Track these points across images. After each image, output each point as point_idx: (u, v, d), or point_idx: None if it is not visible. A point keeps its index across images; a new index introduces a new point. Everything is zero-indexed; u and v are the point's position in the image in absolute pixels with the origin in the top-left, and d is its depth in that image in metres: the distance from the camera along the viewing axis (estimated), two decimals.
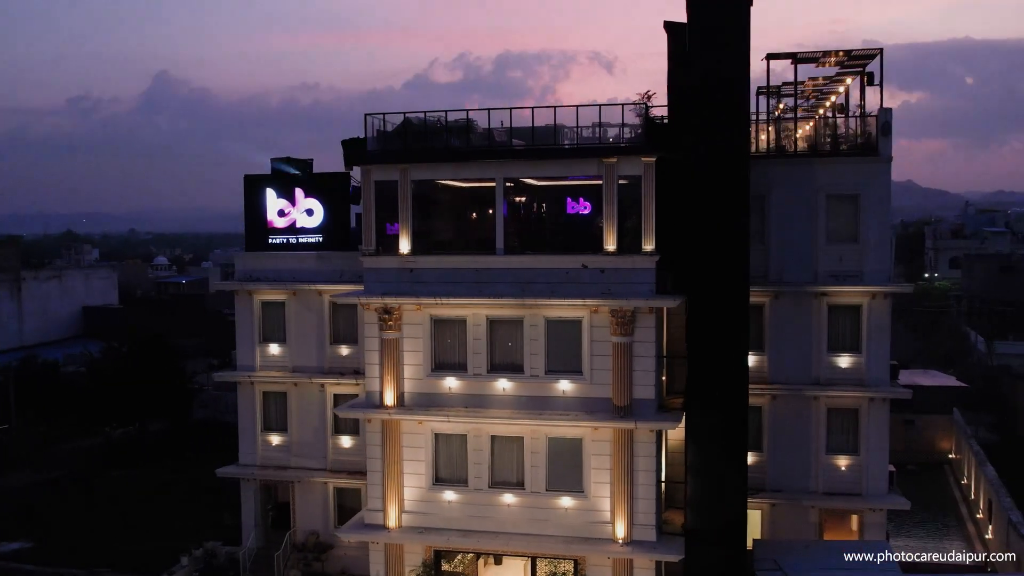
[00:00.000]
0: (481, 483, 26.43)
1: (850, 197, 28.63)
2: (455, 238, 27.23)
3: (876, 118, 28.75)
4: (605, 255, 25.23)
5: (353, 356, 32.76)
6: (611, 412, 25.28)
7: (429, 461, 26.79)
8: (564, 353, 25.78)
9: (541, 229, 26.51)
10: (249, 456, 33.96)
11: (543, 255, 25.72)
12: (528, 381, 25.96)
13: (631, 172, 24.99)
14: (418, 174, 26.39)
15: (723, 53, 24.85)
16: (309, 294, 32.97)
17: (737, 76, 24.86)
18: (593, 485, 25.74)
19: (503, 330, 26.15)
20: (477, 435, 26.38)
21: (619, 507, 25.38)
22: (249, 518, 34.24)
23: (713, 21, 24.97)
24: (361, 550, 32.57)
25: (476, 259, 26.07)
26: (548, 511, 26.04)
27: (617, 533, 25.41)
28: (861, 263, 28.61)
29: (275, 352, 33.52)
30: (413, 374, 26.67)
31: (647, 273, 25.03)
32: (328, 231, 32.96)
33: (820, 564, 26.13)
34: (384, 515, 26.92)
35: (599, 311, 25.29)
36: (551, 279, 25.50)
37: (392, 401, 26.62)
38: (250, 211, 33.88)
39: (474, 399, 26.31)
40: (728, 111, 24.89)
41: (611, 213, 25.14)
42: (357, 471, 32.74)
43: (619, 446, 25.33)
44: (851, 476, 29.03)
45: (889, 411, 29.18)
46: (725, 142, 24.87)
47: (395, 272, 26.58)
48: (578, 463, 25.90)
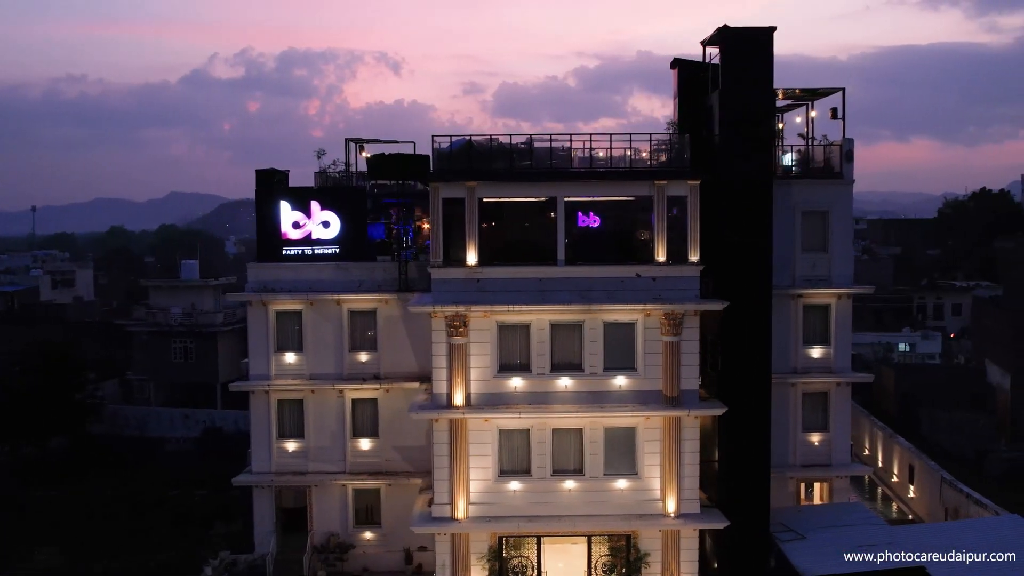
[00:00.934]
0: (544, 472, 29.20)
1: (821, 213, 33.77)
2: (516, 250, 29.62)
3: (840, 147, 34.14)
4: (656, 265, 28.82)
5: (372, 362, 34.35)
6: (662, 402, 28.89)
7: (495, 455, 29.19)
8: (619, 352, 29.12)
9: (598, 241, 29.58)
10: (263, 464, 34.56)
11: (600, 265, 28.90)
12: (587, 378, 29.06)
13: (678, 193, 28.72)
14: (484, 192, 28.76)
15: (752, 90, 29.13)
16: (327, 303, 34.15)
17: (765, 111, 29.25)
18: (645, 467, 29.26)
19: (564, 333, 29.08)
20: (540, 429, 29.13)
21: (669, 485, 29.06)
22: (263, 525, 34.82)
23: (742, 63, 29.17)
24: (379, 547, 34.56)
25: (539, 269, 28.84)
26: (605, 493, 29.26)
27: (668, 508, 29.07)
28: (830, 269, 33.83)
29: (291, 361, 34.38)
30: (480, 376, 28.98)
31: (693, 280, 28.89)
32: (344, 243, 34.27)
33: (819, 524, 31.00)
34: (452, 507, 29.00)
35: (651, 314, 28.83)
36: (607, 287, 28.76)
37: (461, 401, 28.79)
38: (262, 222, 34.53)
39: (537, 396, 29.05)
40: (758, 140, 29.24)
41: (661, 228, 28.78)
42: (376, 472, 34.48)
43: (668, 432, 29.02)
44: (822, 450, 34.20)
45: (851, 393, 34.73)
46: (757, 167, 29.20)
47: (462, 282, 28.78)
48: (632, 448, 29.33)
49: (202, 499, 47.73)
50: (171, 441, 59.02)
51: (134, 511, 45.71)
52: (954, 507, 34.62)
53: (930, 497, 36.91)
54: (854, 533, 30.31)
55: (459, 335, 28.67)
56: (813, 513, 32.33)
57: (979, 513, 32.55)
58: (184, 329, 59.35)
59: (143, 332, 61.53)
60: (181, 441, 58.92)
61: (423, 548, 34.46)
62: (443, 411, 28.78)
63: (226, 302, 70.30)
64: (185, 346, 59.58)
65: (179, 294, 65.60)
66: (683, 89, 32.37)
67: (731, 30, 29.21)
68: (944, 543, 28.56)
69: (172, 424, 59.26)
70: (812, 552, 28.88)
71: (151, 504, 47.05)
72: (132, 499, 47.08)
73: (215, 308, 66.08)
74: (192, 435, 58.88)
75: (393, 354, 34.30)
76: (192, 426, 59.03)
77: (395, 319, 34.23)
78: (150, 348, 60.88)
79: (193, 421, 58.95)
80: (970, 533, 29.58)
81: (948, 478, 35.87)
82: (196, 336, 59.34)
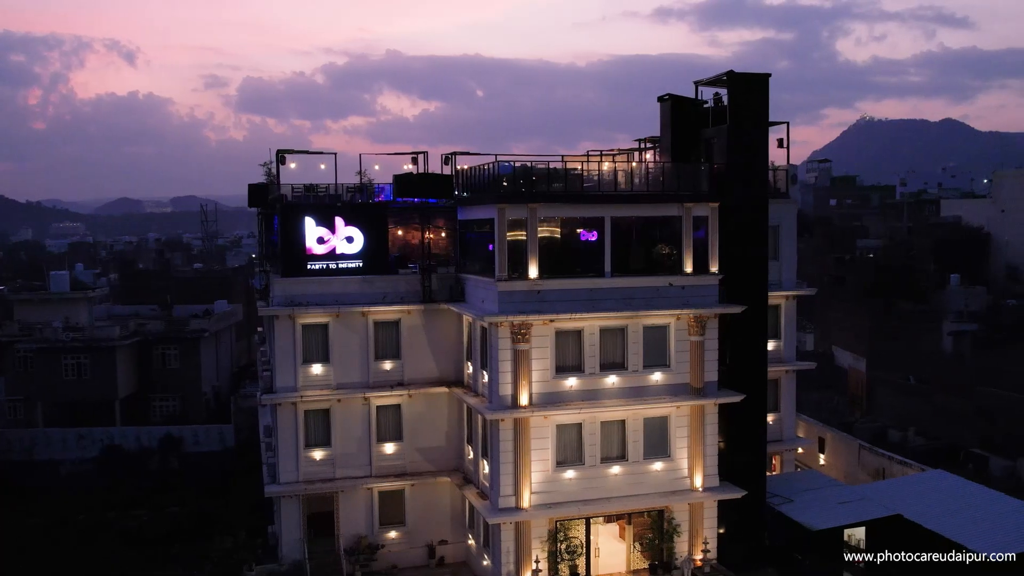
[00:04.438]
0: (594, 460, 32.92)
1: (773, 228, 39.88)
2: (567, 264, 32.99)
3: (786, 172, 40.57)
4: (684, 275, 33.43)
5: (395, 369, 36.31)
6: (690, 393, 33.59)
7: (552, 448, 32.50)
8: (655, 351, 33.45)
9: (638, 255, 33.61)
10: (291, 474, 35.42)
11: (640, 276, 33.06)
12: (629, 375, 33.14)
13: (701, 214, 33.52)
14: (544, 212, 31.98)
15: (753, 128, 34.52)
16: (353, 315, 35.67)
17: (762, 145, 34.75)
18: (676, 450, 33.82)
19: (610, 336, 32.95)
20: (591, 422, 32.82)
21: (696, 464, 33.83)
22: (291, 533, 35.70)
23: (746, 104, 34.45)
24: (404, 544, 36.80)
25: (590, 281, 32.50)
26: (644, 475, 33.50)
27: (695, 484, 33.83)
28: (780, 274, 40.09)
29: (317, 372, 35.52)
30: (540, 377, 32.16)
31: (714, 288, 33.83)
32: (368, 256, 35.91)
33: (798, 489, 37.08)
34: (517, 498, 31.99)
35: (680, 317, 33.43)
36: (646, 295, 32.99)
37: (526, 402, 31.84)
38: (286, 238, 35.35)
39: (588, 393, 32.72)
40: (757, 168, 34.72)
41: (688, 244, 33.43)
42: (401, 473, 36.54)
43: (694, 418, 33.79)
44: (775, 427, 40.41)
45: (796, 380, 41.28)
46: (757, 191, 34.66)
47: (524, 294, 31.82)
48: (665, 434, 33.77)
49: (149, 519, 46.60)
50: (65, 464, 55.97)
51: (81, 537, 43.90)
52: (876, 468, 42.22)
53: (846, 463, 44.43)
54: (829, 493, 36.78)
55: (523, 341, 31.69)
56: (788, 480, 38.41)
57: (903, 471, 40.21)
58: (80, 344, 56.21)
59: (24, 349, 57.38)
60: (77, 463, 56.02)
61: (443, 542, 37.08)
62: (510, 411, 31.67)
63: (98, 312, 67.04)
64: (79, 362, 56.46)
65: (49, 308, 61.77)
66: (675, 121, 37.20)
67: (738, 75, 34.42)
68: (901, 495, 35.63)
69: (65, 445, 56.11)
70: (807, 510, 34.84)
71: (92, 528, 45.30)
72: (65, 525, 45.03)
73: (88, 321, 62.99)
74: (89, 455, 56.14)
75: (415, 361, 36.45)
76: (88, 446, 56.26)
77: (417, 328, 36.40)
78: (36, 366, 56.97)
79: (89, 441, 56.18)
80: (913, 486, 36.90)
81: (866, 445, 43.58)
82: (92, 351, 56.41)
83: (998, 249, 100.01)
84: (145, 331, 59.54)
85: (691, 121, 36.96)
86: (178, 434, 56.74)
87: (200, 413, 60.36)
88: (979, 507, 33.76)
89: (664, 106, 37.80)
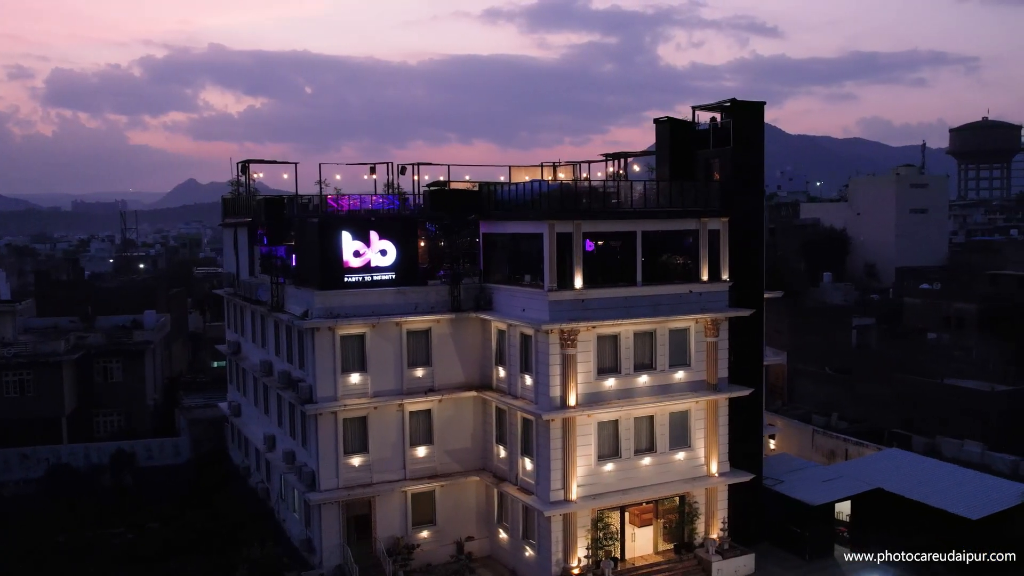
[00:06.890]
0: (629, 453, 36.03)
1: None
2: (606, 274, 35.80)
3: None
4: (701, 283, 37.10)
5: (427, 376, 38.06)
6: (707, 389, 37.32)
7: (594, 443, 35.32)
8: (679, 352, 36.93)
9: (663, 265, 36.90)
10: (331, 480, 36.48)
11: (666, 284, 36.44)
12: (658, 374, 36.46)
13: (715, 227, 37.28)
14: (587, 227, 34.74)
15: (752, 150, 38.65)
16: (388, 326, 37.16)
17: (759, 165, 38.94)
18: (695, 440, 37.46)
19: (642, 339, 36.12)
20: (627, 418, 35.90)
21: (712, 452, 37.61)
22: (331, 539, 36.74)
23: (746, 129, 38.52)
24: (435, 543, 38.66)
25: (625, 289, 35.54)
26: (669, 464, 36.93)
27: (712, 470, 37.61)
28: None
29: (355, 381, 36.77)
30: (584, 379, 34.89)
31: (725, 294, 37.70)
32: (400, 269, 37.43)
33: (783, 471, 41.63)
34: (566, 491, 34.61)
35: (699, 321, 37.07)
36: (671, 301, 36.42)
37: (573, 402, 34.52)
38: (325, 252, 36.32)
39: (624, 392, 35.78)
40: (754, 186, 38.88)
41: (704, 255, 37.11)
42: (432, 475, 38.36)
43: (710, 411, 37.55)
44: None
45: None
46: (755, 206, 38.83)
47: (571, 303, 34.46)
48: (686, 427, 37.32)
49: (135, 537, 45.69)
50: (8, 485, 53.27)
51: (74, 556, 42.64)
52: (830, 450, 47.61)
53: (799, 446, 49.66)
54: (812, 473, 41.57)
55: (571, 346, 34.35)
56: (770, 464, 42.84)
57: (860, 451, 45.69)
58: (23, 360, 53.61)
59: None
60: (21, 484, 53.43)
61: (470, 538, 39.13)
62: (559, 411, 34.26)
63: (29, 323, 63.93)
64: (21, 379, 53.86)
65: None
66: (674, 142, 40.86)
67: (741, 103, 38.43)
68: (874, 471, 40.83)
69: (7, 466, 53.31)
70: (798, 489, 39.38)
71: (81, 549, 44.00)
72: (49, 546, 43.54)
73: (12, 335, 60.01)
74: (35, 476, 53.67)
75: (444, 367, 38.33)
76: (33, 466, 53.68)
77: (446, 336, 38.28)
78: None
79: (34, 460, 53.65)
80: (880, 463, 42.28)
81: (819, 430, 48.95)
82: (35, 367, 53.94)
83: (855, 249, 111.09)
84: (87, 344, 57.30)
85: (687, 142, 40.72)
86: (130, 449, 55.04)
87: (146, 427, 58.65)
88: (942, 478, 39.34)
89: (662, 128, 41.40)
